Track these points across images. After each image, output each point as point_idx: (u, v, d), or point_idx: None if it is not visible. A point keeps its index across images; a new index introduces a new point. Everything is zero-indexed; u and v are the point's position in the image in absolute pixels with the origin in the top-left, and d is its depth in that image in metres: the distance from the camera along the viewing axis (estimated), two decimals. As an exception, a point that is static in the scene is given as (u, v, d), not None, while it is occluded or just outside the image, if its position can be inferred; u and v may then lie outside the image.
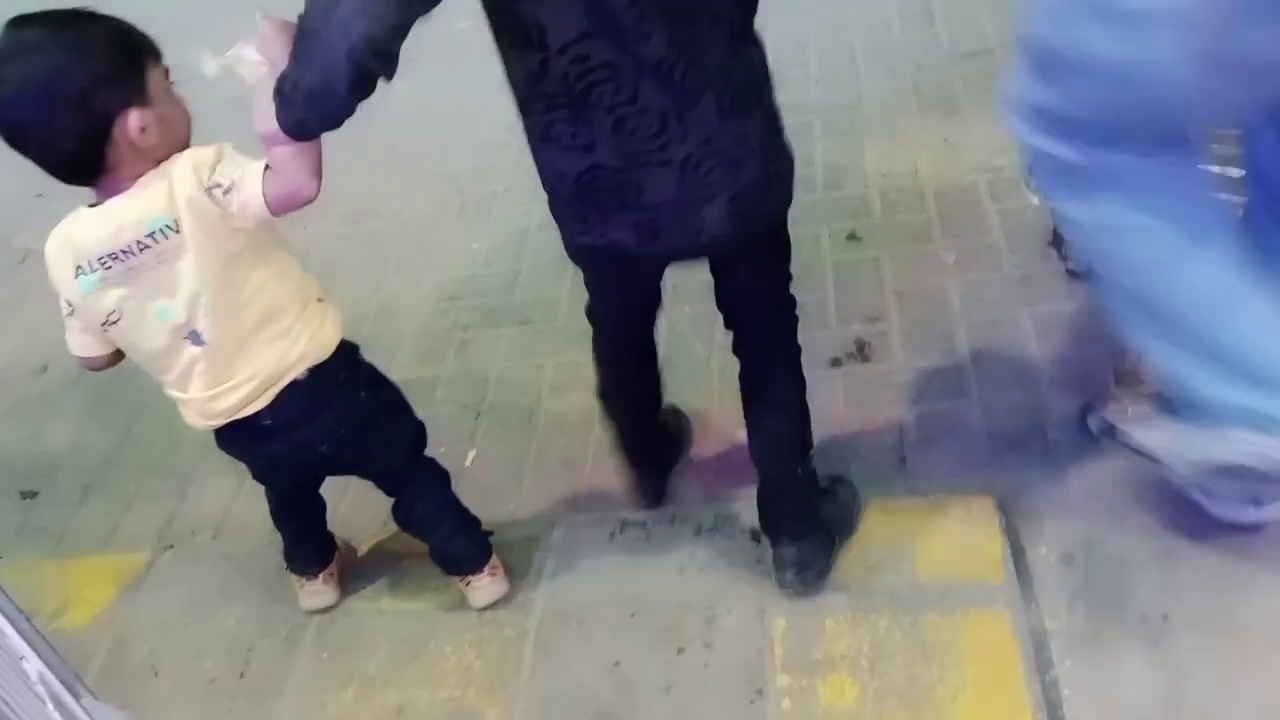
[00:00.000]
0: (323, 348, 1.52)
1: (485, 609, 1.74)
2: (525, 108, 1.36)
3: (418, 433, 1.71)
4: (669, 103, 1.30)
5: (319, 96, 1.24)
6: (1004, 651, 1.51)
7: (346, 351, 1.57)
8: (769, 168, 1.41)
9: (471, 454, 2.13)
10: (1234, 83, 1.22)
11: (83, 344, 1.50)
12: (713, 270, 1.60)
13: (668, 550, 1.78)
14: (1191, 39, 1.15)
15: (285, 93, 1.25)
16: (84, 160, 1.34)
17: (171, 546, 2.06)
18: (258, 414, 1.51)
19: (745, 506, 1.74)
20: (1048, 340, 2.03)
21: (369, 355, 1.65)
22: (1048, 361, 1.99)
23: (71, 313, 1.46)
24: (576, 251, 1.52)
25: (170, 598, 1.93)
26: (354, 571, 1.85)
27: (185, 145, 1.40)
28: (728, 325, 1.66)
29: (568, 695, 1.61)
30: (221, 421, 1.52)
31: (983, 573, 1.62)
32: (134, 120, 1.32)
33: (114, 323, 1.43)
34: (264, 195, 1.34)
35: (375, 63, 1.19)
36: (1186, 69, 1.18)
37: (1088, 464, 1.78)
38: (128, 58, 1.33)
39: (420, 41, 1.23)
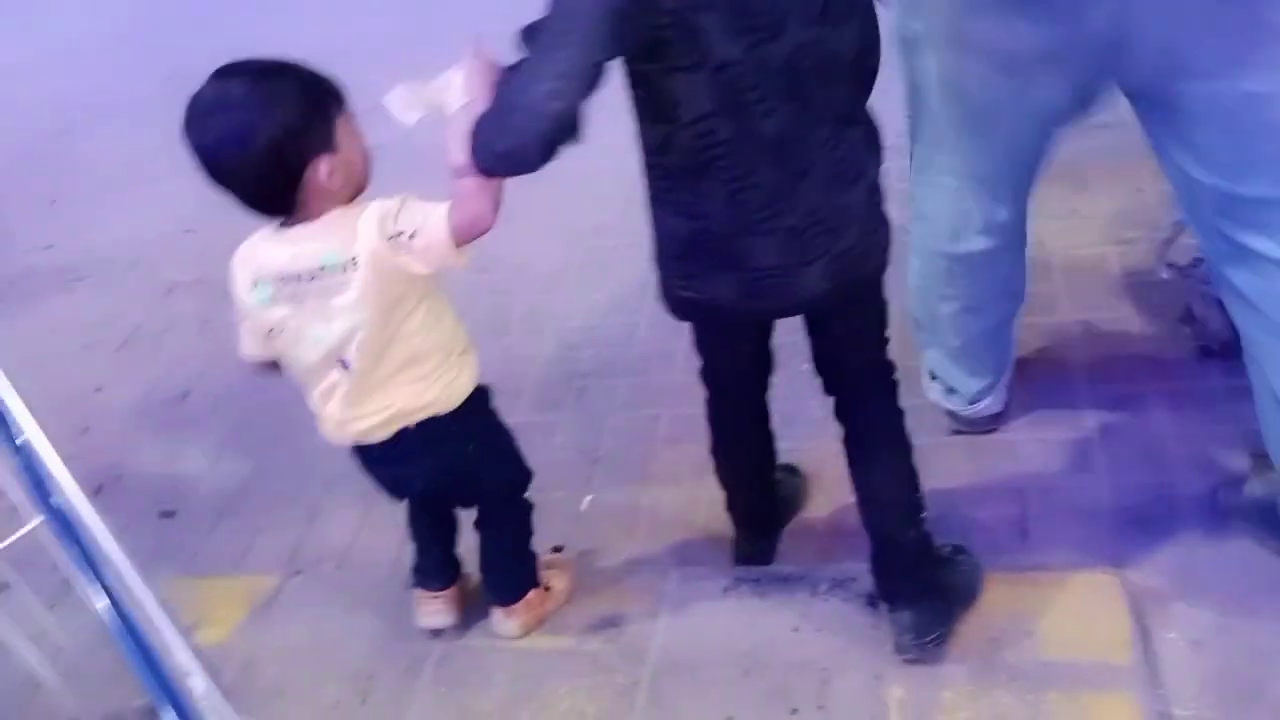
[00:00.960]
0: (452, 399, 1.62)
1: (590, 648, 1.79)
2: (648, 171, 1.47)
3: (515, 481, 1.81)
4: (780, 178, 1.38)
5: (511, 158, 1.33)
6: (1130, 737, 1.48)
7: (472, 402, 1.65)
8: (868, 236, 1.49)
9: (588, 499, 2.17)
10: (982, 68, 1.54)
11: (251, 347, 1.63)
12: (809, 332, 1.63)
13: (782, 609, 1.79)
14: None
15: (479, 143, 1.34)
16: (277, 199, 1.47)
17: (300, 572, 2.15)
18: (378, 442, 1.62)
19: (862, 569, 1.73)
20: (1178, 418, 1.99)
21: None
22: (1178, 440, 1.95)
23: (244, 319, 1.60)
24: (676, 304, 1.58)
25: (297, 622, 2.01)
26: (476, 606, 1.90)
27: (366, 184, 1.52)
28: (827, 391, 1.68)
29: (679, 749, 1.62)
30: (351, 441, 1.64)
31: (1108, 653, 1.59)
32: (323, 167, 1.43)
33: (277, 335, 1.56)
34: (448, 226, 1.42)
35: (565, 135, 1.29)
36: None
37: (1219, 547, 1.74)
38: (317, 109, 1.44)
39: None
